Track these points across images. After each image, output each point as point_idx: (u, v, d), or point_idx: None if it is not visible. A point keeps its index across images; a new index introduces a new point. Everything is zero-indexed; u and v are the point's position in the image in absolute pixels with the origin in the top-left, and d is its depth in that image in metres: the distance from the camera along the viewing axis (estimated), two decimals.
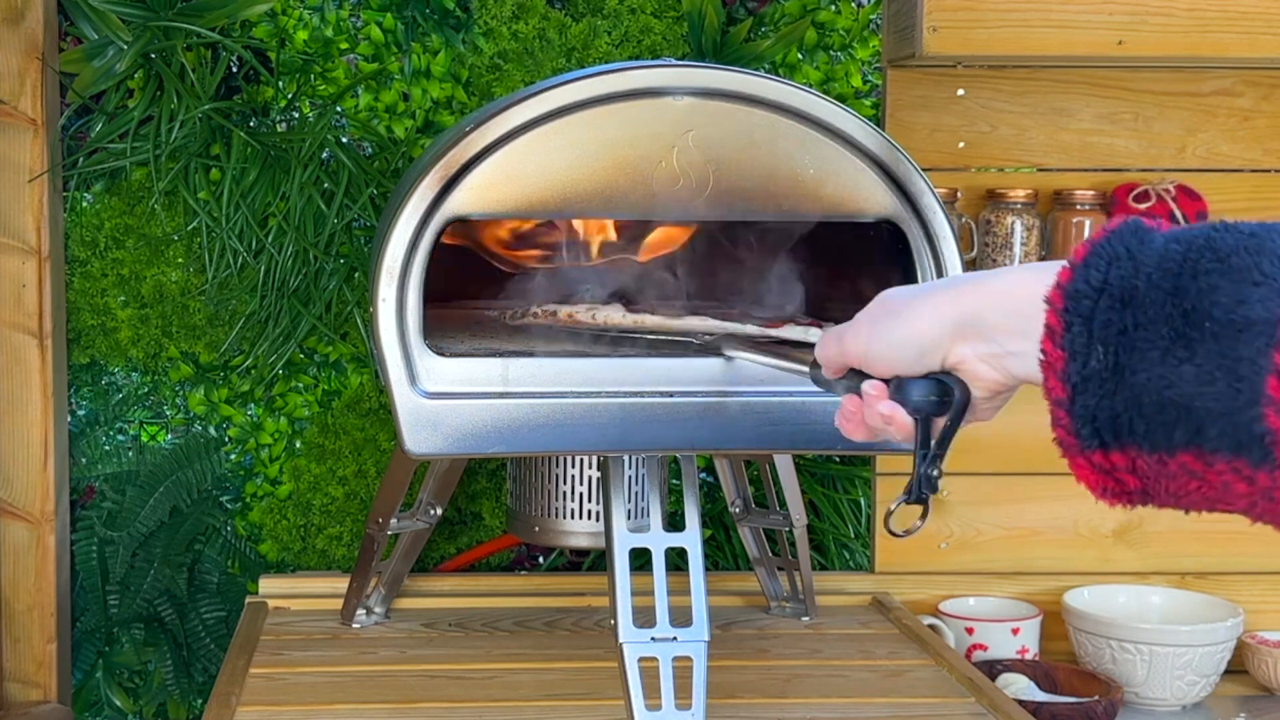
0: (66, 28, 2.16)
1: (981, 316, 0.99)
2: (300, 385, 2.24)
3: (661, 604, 1.59)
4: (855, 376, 1.09)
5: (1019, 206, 2.16)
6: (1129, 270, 0.90)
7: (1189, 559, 2.30)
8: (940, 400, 1.02)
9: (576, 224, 1.82)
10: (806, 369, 1.21)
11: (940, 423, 1.04)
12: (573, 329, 1.67)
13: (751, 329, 1.64)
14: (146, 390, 2.24)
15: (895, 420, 1.05)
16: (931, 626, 2.14)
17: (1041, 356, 0.93)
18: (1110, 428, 0.91)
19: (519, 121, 1.51)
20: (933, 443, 1.04)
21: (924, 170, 1.57)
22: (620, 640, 1.58)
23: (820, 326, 1.69)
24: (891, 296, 1.08)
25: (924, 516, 1.11)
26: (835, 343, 1.10)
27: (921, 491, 1.06)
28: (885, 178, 1.56)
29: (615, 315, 1.66)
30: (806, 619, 2.11)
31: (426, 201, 1.50)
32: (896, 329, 1.04)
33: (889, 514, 1.11)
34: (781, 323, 1.69)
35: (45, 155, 2.13)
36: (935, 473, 1.05)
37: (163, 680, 2.27)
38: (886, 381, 1.06)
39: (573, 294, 1.86)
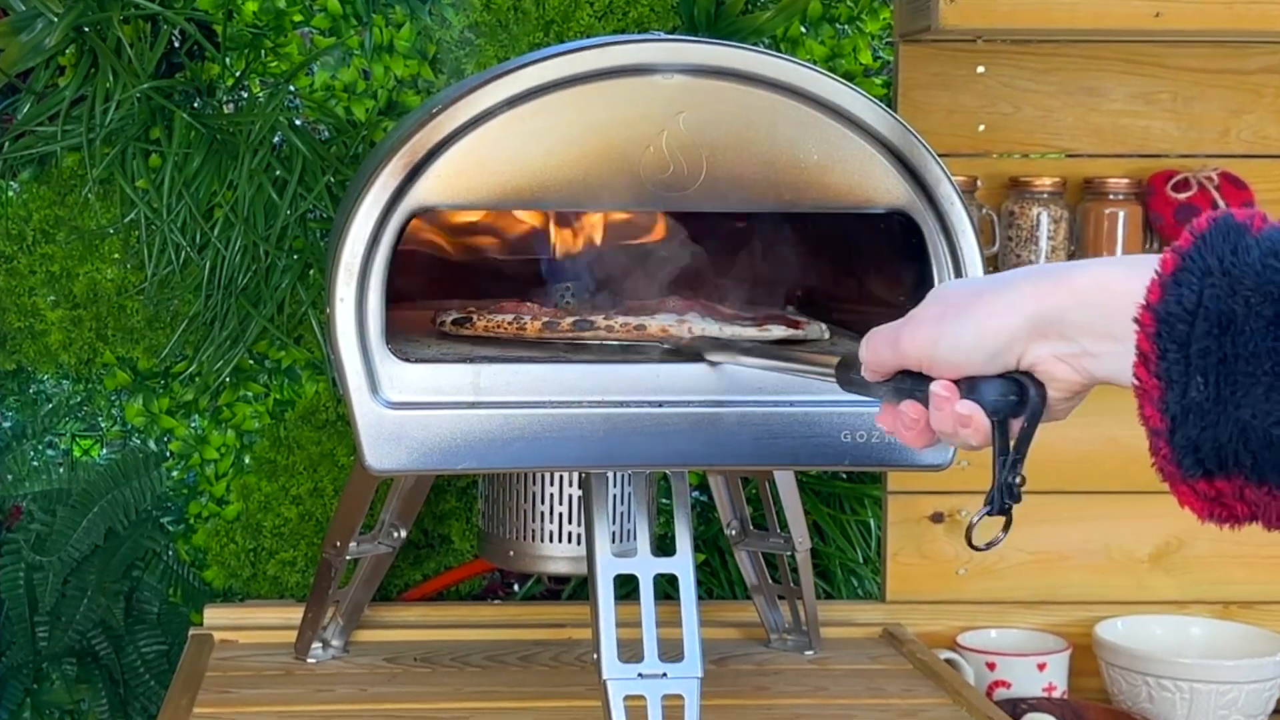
0: None
1: (1062, 315, 1.00)
2: (249, 394, 2.24)
3: (650, 636, 1.59)
4: (906, 380, 1.10)
5: (1045, 196, 2.16)
6: (1224, 289, 0.92)
7: (1233, 586, 2.31)
8: (1017, 400, 1.04)
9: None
10: (830, 371, 1.23)
11: (1017, 425, 1.05)
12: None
13: (743, 331, 1.65)
14: (79, 400, 2.24)
15: (974, 422, 1.05)
16: (948, 661, 2.15)
17: (1136, 383, 0.96)
18: (1214, 458, 0.93)
19: (492, 102, 1.51)
20: (1011, 447, 1.06)
21: (940, 156, 1.57)
22: (604, 677, 1.58)
23: (801, 325, 1.69)
24: (952, 291, 1.08)
25: (1007, 528, 1.11)
26: (887, 345, 1.10)
27: (1004, 501, 1.07)
28: (897, 164, 1.56)
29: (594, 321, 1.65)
30: (810, 653, 2.11)
31: (389, 191, 1.50)
32: (967, 328, 1.04)
33: (970, 528, 1.12)
34: (767, 321, 1.69)
35: None
36: (1017, 479, 1.07)
37: None
38: (956, 382, 1.06)
39: (540, 292, 1.87)
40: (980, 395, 1.03)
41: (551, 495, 1.89)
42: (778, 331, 1.67)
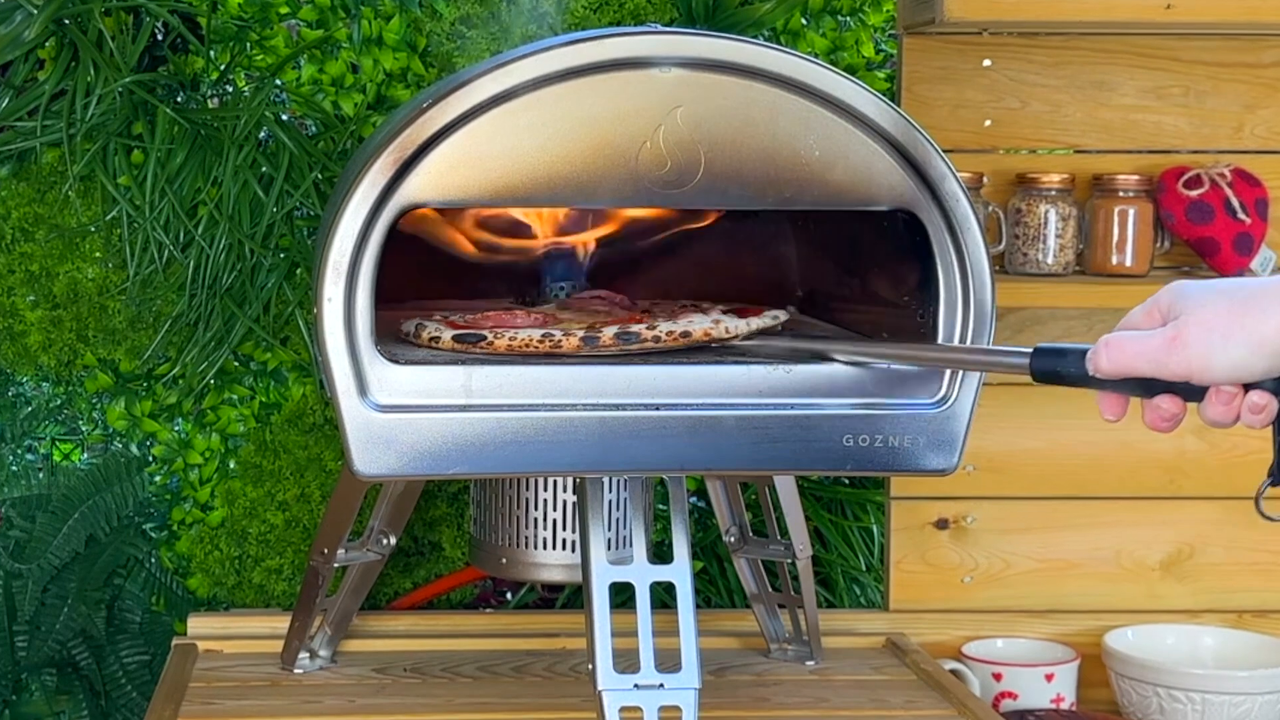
0: None
1: None
2: (234, 397, 2.24)
3: (646, 646, 1.59)
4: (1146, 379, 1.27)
5: (1053, 193, 2.16)
6: None
7: (1246, 595, 2.30)
8: None
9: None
10: (1024, 361, 1.37)
11: None
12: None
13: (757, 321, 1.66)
14: (59, 403, 2.24)
15: (1268, 410, 1.23)
16: (953, 672, 2.14)
17: None
18: None
19: (484, 97, 1.51)
20: None
21: (945, 152, 1.57)
22: (599, 688, 1.58)
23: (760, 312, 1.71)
24: (1202, 309, 1.23)
25: None
26: (1145, 360, 1.26)
27: None
28: (901, 160, 1.56)
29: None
30: (811, 663, 2.11)
31: (378, 188, 1.50)
32: (1242, 352, 1.21)
33: (1258, 498, 1.29)
34: (757, 310, 1.70)
35: None
36: None
37: None
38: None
39: (536, 290, 1.87)
40: (1272, 387, 1.23)
41: (545, 501, 1.88)
42: (782, 315, 1.70)
